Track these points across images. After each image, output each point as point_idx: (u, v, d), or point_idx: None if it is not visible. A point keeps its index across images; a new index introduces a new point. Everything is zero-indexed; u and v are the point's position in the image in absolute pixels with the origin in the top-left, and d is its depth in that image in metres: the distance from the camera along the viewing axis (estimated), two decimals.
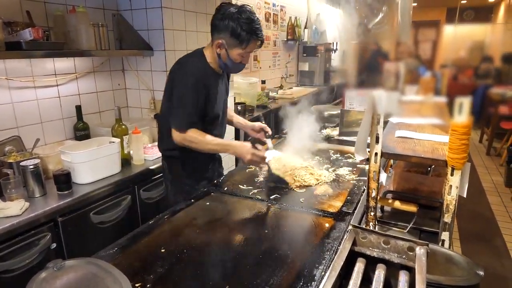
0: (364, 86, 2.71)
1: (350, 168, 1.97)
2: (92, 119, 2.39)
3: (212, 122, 1.85)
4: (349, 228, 0.91)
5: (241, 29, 1.62)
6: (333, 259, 1.15)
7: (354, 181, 1.79)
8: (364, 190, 1.69)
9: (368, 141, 1.16)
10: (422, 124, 1.54)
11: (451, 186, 1.03)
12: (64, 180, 1.79)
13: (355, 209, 1.49)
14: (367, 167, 1.99)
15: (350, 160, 2.14)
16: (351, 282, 0.81)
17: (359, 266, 0.87)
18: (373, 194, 1.15)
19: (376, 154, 1.11)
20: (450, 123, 1.46)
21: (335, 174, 1.88)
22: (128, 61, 2.55)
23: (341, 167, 1.98)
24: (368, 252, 0.89)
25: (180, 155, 1.85)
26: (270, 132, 2.04)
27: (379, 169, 1.13)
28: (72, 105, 2.23)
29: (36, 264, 1.59)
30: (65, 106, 2.23)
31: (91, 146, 2.00)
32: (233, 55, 1.70)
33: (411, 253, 0.87)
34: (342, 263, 0.80)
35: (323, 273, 1.08)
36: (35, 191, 1.74)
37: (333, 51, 6.27)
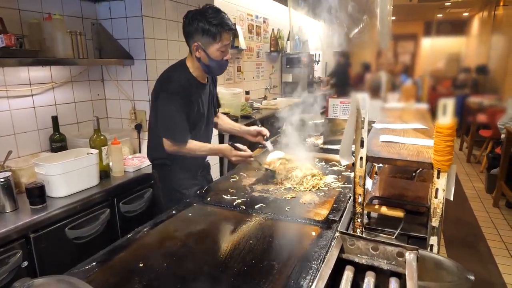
0: (347, 95, 2.72)
1: (336, 176, 1.94)
2: (69, 130, 2.30)
3: (198, 131, 1.88)
4: (336, 235, 0.87)
5: (209, 25, 1.66)
6: (320, 268, 1.11)
7: (340, 189, 1.77)
8: (350, 197, 1.67)
9: (353, 147, 1.14)
10: (406, 130, 1.54)
11: (437, 189, 1.01)
12: (37, 193, 1.70)
13: (341, 216, 1.46)
14: (352, 174, 1.99)
15: (335, 168, 2.13)
16: None
17: (348, 274, 0.83)
18: (360, 199, 1.12)
19: (361, 158, 1.09)
20: (433, 127, 1.46)
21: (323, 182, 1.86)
22: (108, 70, 2.48)
23: (326, 175, 1.95)
24: (356, 260, 0.86)
25: (170, 163, 1.89)
26: (268, 134, 2.11)
27: (365, 174, 1.11)
28: (48, 116, 2.14)
29: (5, 284, 1.49)
30: (40, 117, 2.14)
31: (68, 157, 1.91)
32: (212, 53, 1.73)
33: (401, 258, 0.83)
34: (329, 271, 0.76)
35: (310, 283, 1.03)
36: (5, 206, 1.64)
37: (316, 62, 6.34)
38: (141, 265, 1.15)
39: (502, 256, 2.95)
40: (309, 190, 1.74)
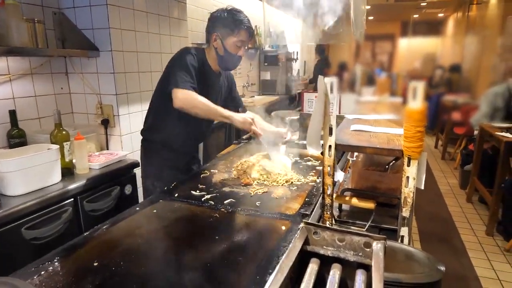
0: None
1: (310, 171, 1.90)
2: (30, 125, 2.16)
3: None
4: (300, 225, 0.82)
5: (231, 19, 1.84)
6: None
7: (314, 183, 1.72)
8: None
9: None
10: (378, 120, 1.50)
11: (408, 177, 0.97)
12: None
13: (313, 210, 1.41)
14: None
15: (309, 163, 2.08)
16: (303, 285, 0.71)
17: (312, 267, 0.77)
18: (329, 191, 1.06)
19: (330, 147, 1.03)
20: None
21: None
22: (72, 63, 2.35)
23: (300, 170, 1.91)
24: (321, 251, 0.80)
25: (158, 137, 1.96)
26: (287, 138, 2.19)
27: (334, 164, 1.06)
28: (5, 110, 2.00)
29: None
30: None
31: (26, 153, 1.79)
32: (228, 45, 1.86)
33: (368, 249, 0.78)
34: (290, 264, 0.70)
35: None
36: None
37: (294, 60, 6.33)
38: (95, 264, 1.06)
39: (474, 250, 2.99)
40: (282, 185, 1.69)
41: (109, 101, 2.33)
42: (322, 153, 1.09)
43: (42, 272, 1.02)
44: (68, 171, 1.98)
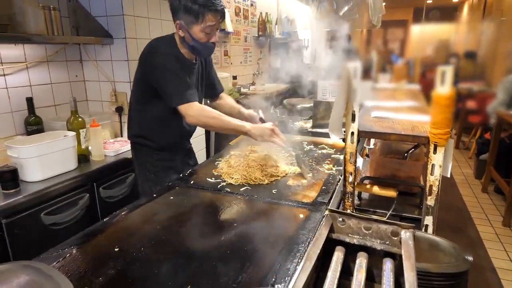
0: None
1: (325, 159, 1.88)
2: (46, 112, 2.18)
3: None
4: (325, 213, 0.80)
5: (193, 3, 1.52)
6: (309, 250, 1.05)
7: (329, 171, 1.70)
8: (339, 179, 1.60)
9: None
10: (399, 107, 1.47)
11: (433, 165, 0.95)
12: (9, 177, 1.59)
13: (330, 198, 1.40)
14: (342, 157, 1.92)
15: (324, 151, 2.06)
16: (329, 274, 0.70)
17: (338, 255, 0.76)
18: (350, 178, 1.05)
19: (352, 133, 1.01)
20: (426, 104, 1.40)
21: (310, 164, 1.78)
22: (86, 50, 2.35)
23: (315, 158, 1.89)
24: (347, 239, 0.79)
25: (145, 142, 1.79)
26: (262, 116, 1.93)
27: (356, 151, 1.03)
28: (23, 97, 2.01)
29: None
30: (14, 98, 2.01)
31: (43, 140, 1.80)
32: (195, 34, 1.58)
33: (395, 238, 0.77)
34: (318, 251, 0.69)
35: (297, 266, 0.96)
36: None
37: (305, 48, 6.24)
38: (116, 249, 1.06)
39: (491, 240, 2.95)
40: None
41: (123, 88, 2.33)
42: (343, 140, 1.06)
43: (65, 257, 1.03)
44: (84, 158, 2.00)
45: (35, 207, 1.62)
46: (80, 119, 1.97)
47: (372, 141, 1.90)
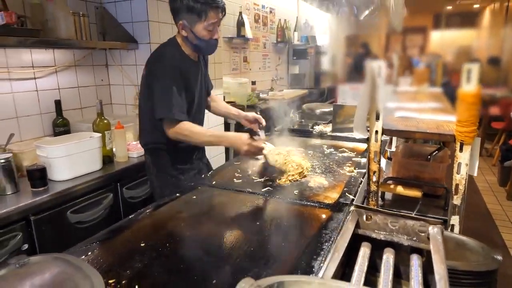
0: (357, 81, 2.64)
1: (345, 162, 1.87)
2: (73, 115, 2.26)
3: (190, 110, 1.75)
4: (351, 209, 0.80)
5: (194, 2, 1.56)
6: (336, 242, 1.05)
7: (350, 174, 1.70)
8: (361, 182, 1.60)
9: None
10: (422, 108, 1.46)
11: (460, 163, 0.94)
12: (38, 175, 1.65)
13: (353, 200, 1.39)
14: (363, 160, 1.91)
15: (345, 154, 2.05)
16: (357, 268, 0.70)
17: (365, 251, 0.76)
18: (374, 177, 1.04)
19: (376, 132, 1.01)
20: (449, 106, 1.39)
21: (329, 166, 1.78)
22: (112, 55, 2.43)
23: (335, 161, 1.88)
24: (373, 235, 0.79)
25: (162, 147, 1.78)
26: (264, 123, 1.96)
27: (380, 150, 1.03)
28: (51, 100, 2.10)
29: None
30: (43, 101, 2.09)
31: (70, 141, 1.86)
32: (199, 32, 1.63)
33: (423, 234, 0.76)
34: (346, 244, 0.70)
35: (321, 264, 0.97)
36: (6, 188, 1.60)
37: (324, 54, 6.24)
38: (142, 244, 1.09)
39: None
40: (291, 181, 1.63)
41: None
42: (367, 139, 1.06)
43: (93, 251, 1.06)
44: (108, 159, 2.05)
45: (61, 205, 1.68)
46: (105, 121, 2.03)
47: (394, 143, 1.89)
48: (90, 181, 1.82)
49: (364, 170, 1.75)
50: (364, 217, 0.80)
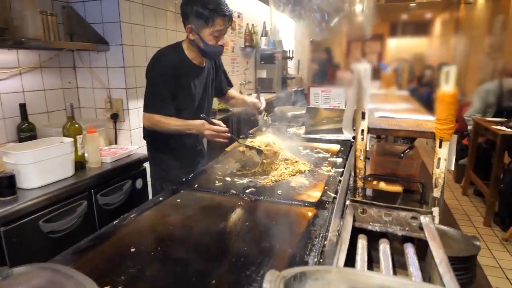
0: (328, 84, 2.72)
1: (322, 162, 1.94)
2: (39, 119, 2.14)
3: (188, 114, 1.82)
4: (347, 203, 0.84)
5: (203, 9, 1.65)
6: (323, 246, 1.08)
7: (329, 173, 1.76)
8: (339, 180, 1.66)
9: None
10: (396, 108, 1.55)
11: (439, 159, 1.01)
12: (6, 183, 1.56)
13: (335, 198, 1.44)
14: (338, 160, 1.98)
15: (320, 155, 2.11)
16: (359, 258, 0.74)
17: (362, 242, 0.80)
18: (361, 174, 1.10)
19: (362, 131, 1.06)
20: (420, 107, 1.49)
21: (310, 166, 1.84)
22: (80, 57, 2.34)
23: (312, 161, 1.94)
24: (369, 227, 0.83)
25: (157, 142, 1.92)
26: (261, 107, 2.13)
27: (366, 148, 1.09)
28: (15, 103, 1.98)
29: None
30: (6, 104, 1.97)
31: (38, 146, 1.77)
32: (205, 37, 1.71)
33: (414, 224, 0.82)
34: (349, 236, 0.73)
35: (315, 259, 1.00)
36: None
37: (290, 59, 6.38)
38: (132, 249, 1.06)
39: None
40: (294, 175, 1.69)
41: (119, 95, 2.33)
42: (353, 138, 1.12)
43: (80, 258, 1.02)
44: (80, 165, 1.97)
45: (33, 214, 1.59)
46: (76, 125, 1.95)
47: (368, 143, 1.98)
48: (62, 189, 1.74)
49: (341, 169, 1.82)
50: (360, 210, 0.84)
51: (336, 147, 2.32)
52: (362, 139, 1.07)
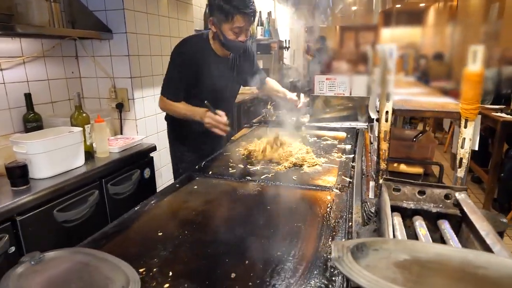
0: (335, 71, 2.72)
1: (332, 149, 1.95)
2: (44, 110, 2.10)
3: (208, 100, 1.78)
4: (380, 182, 0.85)
5: (225, 4, 1.64)
6: (348, 226, 1.10)
7: (340, 159, 1.77)
8: (351, 166, 1.67)
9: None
10: (412, 92, 1.56)
11: (464, 138, 1.02)
12: (19, 173, 1.53)
13: (350, 182, 1.46)
14: (347, 146, 2.00)
15: (328, 142, 2.13)
16: (398, 234, 0.75)
17: (398, 220, 0.81)
18: (384, 156, 1.11)
19: (387, 112, 1.07)
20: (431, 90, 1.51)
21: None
22: (83, 45, 2.29)
23: (321, 148, 1.96)
24: (404, 205, 0.84)
25: (178, 125, 2.00)
26: (298, 104, 2.17)
27: (390, 129, 1.10)
28: (20, 93, 1.94)
29: None
30: (11, 94, 1.93)
31: (47, 136, 1.74)
32: (225, 31, 1.71)
33: (448, 201, 0.83)
34: (390, 212, 0.74)
35: (343, 239, 1.01)
36: None
37: (286, 49, 6.35)
38: (160, 234, 1.07)
39: None
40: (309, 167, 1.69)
41: (124, 84, 2.30)
42: (377, 120, 1.12)
43: (108, 244, 1.02)
44: (89, 155, 1.95)
45: (47, 204, 1.57)
46: (84, 115, 1.92)
47: (376, 129, 1.99)
48: (74, 178, 1.72)
49: (351, 156, 1.84)
50: (393, 190, 0.85)
51: (342, 134, 2.34)
52: (386, 120, 1.08)
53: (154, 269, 0.88)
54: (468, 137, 1.02)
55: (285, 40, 6.20)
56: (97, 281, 0.83)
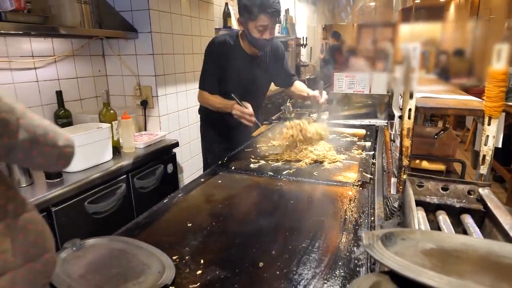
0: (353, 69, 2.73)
1: (351, 146, 1.98)
2: (73, 106, 2.20)
3: (241, 93, 1.89)
4: (404, 177, 0.88)
5: (251, 2, 1.72)
6: (371, 222, 1.13)
7: (360, 156, 1.79)
8: (372, 162, 1.69)
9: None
10: (434, 90, 1.57)
11: (488, 136, 1.04)
12: None
13: (371, 178, 1.48)
14: (367, 144, 2.01)
15: (348, 139, 2.15)
16: (422, 227, 0.77)
17: (422, 214, 0.84)
18: (407, 152, 1.13)
19: (410, 110, 1.09)
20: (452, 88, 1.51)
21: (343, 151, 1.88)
22: (110, 45, 2.38)
23: (341, 145, 1.98)
24: (427, 200, 0.87)
25: (206, 116, 2.15)
26: (321, 101, 2.17)
27: (413, 126, 1.12)
28: (52, 91, 2.03)
29: None
30: (44, 92, 2.03)
31: (77, 132, 1.83)
32: (250, 29, 1.79)
33: (472, 196, 0.85)
34: (415, 206, 0.77)
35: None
36: (21, 181, 1.56)
37: (303, 46, 6.35)
38: (189, 225, 1.12)
39: None
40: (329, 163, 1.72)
41: (148, 82, 2.37)
42: (400, 117, 1.15)
43: (141, 233, 1.08)
44: (116, 150, 2.03)
45: (79, 196, 1.65)
46: (111, 112, 2.00)
47: (397, 126, 2.00)
48: (103, 171, 1.80)
49: (371, 152, 1.85)
50: (416, 185, 0.88)
51: (362, 131, 2.35)
52: (409, 117, 1.10)
53: (187, 257, 0.94)
54: (492, 135, 1.04)
55: (302, 37, 6.20)
56: (134, 266, 0.89)
